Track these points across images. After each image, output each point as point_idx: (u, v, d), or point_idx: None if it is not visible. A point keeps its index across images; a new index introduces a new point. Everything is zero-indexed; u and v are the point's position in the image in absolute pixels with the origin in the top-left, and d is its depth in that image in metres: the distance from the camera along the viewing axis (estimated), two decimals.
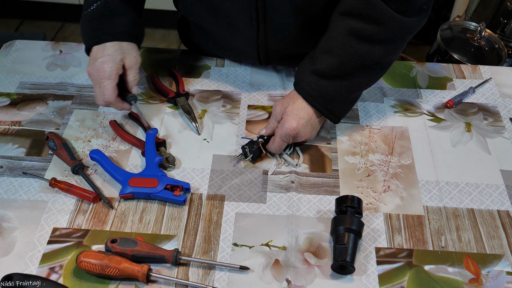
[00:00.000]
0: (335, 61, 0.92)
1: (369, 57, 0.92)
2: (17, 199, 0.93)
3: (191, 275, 0.83)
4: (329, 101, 0.95)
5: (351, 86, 0.95)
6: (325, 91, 0.94)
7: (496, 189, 0.95)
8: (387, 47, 0.93)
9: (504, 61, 1.58)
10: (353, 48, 0.91)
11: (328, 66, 0.93)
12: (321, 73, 0.94)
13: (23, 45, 1.27)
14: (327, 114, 0.97)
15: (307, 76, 0.96)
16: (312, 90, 0.95)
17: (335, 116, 0.99)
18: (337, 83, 0.94)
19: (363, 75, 0.95)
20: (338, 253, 0.81)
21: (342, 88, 0.94)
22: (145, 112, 1.10)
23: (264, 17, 1.01)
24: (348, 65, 0.92)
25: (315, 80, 0.95)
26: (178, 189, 0.92)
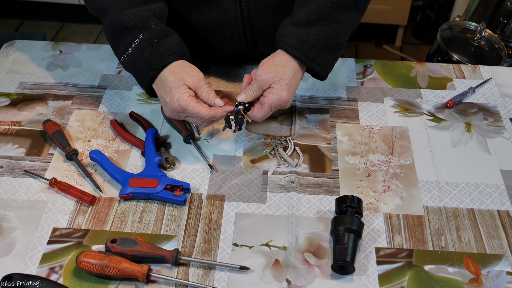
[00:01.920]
0: (311, 6, 0.93)
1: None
2: (17, 199, 0.93)
3: (191, 275, 0.83)
4: (310, 49, 0.93)
5: (331, 30, 0.94)
6: (305, 39, 0.93)
7: (496, 189, 0.95)
8: None
9: (504, 61, 1.58)
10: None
11: (304, 13, 0.94)
12: (299, 22, 0.94)
13: (23, 45, 1.27)
14: (311, 65, 0.95)
15: (286, 29, 0.96)
16: (292, 40, 0.93)
17: (320, 67, 0.96)
18: (316, 29, 0.93)
19: (341, 17, 0.94)
20: (338, 253, 0.81)
21: (323, 34, 0.94)
22: (145, 112, 1.10)
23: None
24: (324, 7, 0.92)
25: (294, 30, 0.94)
26: (178, 189, 0.92)
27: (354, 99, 1.13)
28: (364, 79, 1.18)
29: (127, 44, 0.96)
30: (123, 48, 0.97)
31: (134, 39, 0.95)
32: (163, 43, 0.95)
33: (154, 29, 0.95)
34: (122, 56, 0.97)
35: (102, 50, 1.26)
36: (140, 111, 1.10)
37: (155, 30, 0.95)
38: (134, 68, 0.98)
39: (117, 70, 1.20)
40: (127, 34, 0.95)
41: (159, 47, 0.94)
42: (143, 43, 0.94)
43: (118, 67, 1.21)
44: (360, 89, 1.16)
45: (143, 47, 0.94)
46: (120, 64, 1.21)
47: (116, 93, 1.15)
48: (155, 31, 0.95)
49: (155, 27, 0.95)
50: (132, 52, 0.95)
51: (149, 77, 0.95)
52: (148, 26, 0.94)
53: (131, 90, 1.15)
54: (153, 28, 0.95)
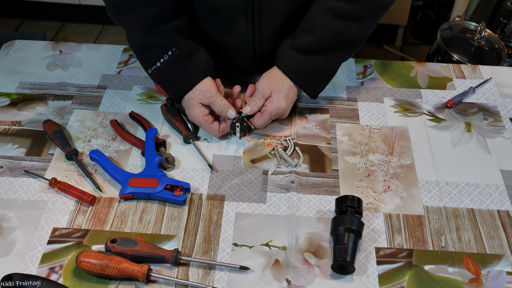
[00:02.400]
0: (314, 37, 0.98)
1: (346, 34, 0.98)
2: (17, 199, 0.93)
3: (191, 275, 0.82)
4: (307, 74, 1.01)
5: (328, 60, 1.01)
6: (303, 65, 1.00)
7: (496, 189, 0.95)
8: (363, 24, 0.99)
9: (504, 61, 1.58)
10: (331, 26, 0.97)
11: (307, 42, 0.99)
12: (300, 49, 1.00)
13: (23, 45, 1.27)
14: (305, 87, 1.03)
15: (287, 51, 1.01)
16: (291, 63, 1.00)
17: (313, 90, 1.04)
18: (315, 58, 1.00)
19: (340, 50, 1.01)
20: (338, 253, 0.81)
21: (320, 62, 1.00)
22: (145, 112, 1.10)
23: (260, 18, 1.02)
24: (326, 42, 0.98)
25: (294, 54, 1.00)
26: (178, 189, 0.92)
27: (354, 99, 1.13)
28: (364, 79, 1.18)
29: (155, 59, 1.00)
30: (150, 61, 1.01)
31: (163, 55, 0.99)
32: (192, 61, 1.00)
33: (183, 48, 0.99)
34: (150, 69, 1.02)
35: (102, 50, 1.26)
36: (140, 111, 1.10)
37: (184, 49, 0.99)
38: (164, 82, 1.03)
39: (117, 70, 1.20)
40: (155, 51, 1.00)
41: (189, 65, 0.99)
42: (174, 62, 0.99)
43: (118, 67, 1.21)
44: (360, 89, 1.16)
45: (174, 65, 1.00)
46: (120, 65, 1.21)
47: (116, 93, 1.15)
48: (184, 50, 0.99)
49: (185, 46, 0.99)
50: (162, 67, 1.00)
51: (179, 93, 1.00)
52: (178, 45, 0.99)
53: (131, 90, 1.15)
54: (183, 48, 0.99)
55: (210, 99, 0.99)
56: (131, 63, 1.22)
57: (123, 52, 1.25)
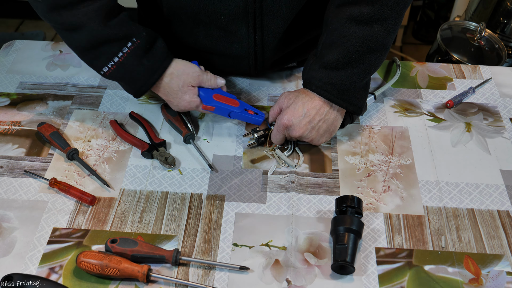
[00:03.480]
0: (341, 50, 0.92)
1: (373, 38, 0.91)
2: (17, 199, 0.93)
3: (191, 275, 0.83)
4: (343, 91, 0.94)
5: (362, 71, 0.94)
6: (337, 82, 0.93)
7: (496, 189, 0.95)
8: (387, 25, 0.92)
9: (504, 61, 1.58)
10: (355, 34, 0.91)
11: (335, 56, 0.92)
12: (329, 66, 0.93)
13: (23, 45, 1.27)
14: (345, 105, 0.96)
15: (316, 72, 0.95)
16: (324, 84, 0.94)
17: (355, 106, 0.97)
18: (347, 72, 0.93)
19: (371, 58, 0.94)
20: (338, 253, 0.81)
21: (354, 75, 0.93)
22: (145, 112, 1.10)
23: (261, 25, 1.01)
24: (354, 51, 0.92)
25: (324, 73, 0.94)
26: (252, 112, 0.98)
27: None
28: None
29: (112, 54, 0.93)
30: (105, 58, 0.94)
31: (121, 48, 0.93)
32: (155, 48, 0.96)
33: (145, 36, 0.95)
34: (106, 66, 0.95)
35: None
36: (140, 111, 1.10)
37: (145, 37, 0.95)
38: (127, 76, 0.97)
39: None
40: (111, 45, 0.93)
41: (154, 53, 0.96)
42: (138, 51, 0.94)
43: None
44: None
45: (139, 55, 0.94)
46: None
47: (116, 93, 1.15)
48: (146, 38, 0.95)
49: (146, 34, 0.95)
50: (123, 61, 0.94)
51: (149, 82, 0.97)
52: (139, 34, 0.94)
53: None
54: (144, 36, 0.95)
55: (199, 78, 0.98)
56: None
57: None
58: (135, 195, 0.94)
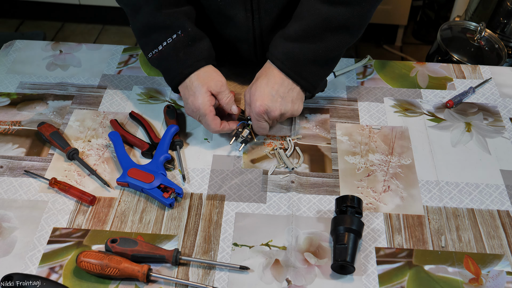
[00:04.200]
0: (302, 23, 0.94)
1: (334, 19, 0.93)
2: (17, 199, 0.93)
3: (191, 275, 0.83)
4: (295, 62, 0.95)
5: (318, 48, 0.95)
6: (291, 53, 0.95)
7: (496, 189, 0.95)
8: (353, 10, 0.93)
9: (504, 61, 1.58)
10: (317, 10, 0.93)
11: (295, 29, 0.95)
12: (288, 37, 0.95)
13: (23, 45, 1.27)
14: (296, 78, 0.96)
15: (276, 41, 0.98)
16: (279, 53, 0.96)
17: (306, 81, 0.97)
18: (303, 46, 0.94)
19: (330, 38, 0.95)
20: (338, 253, 0.81)
21: (309, 50, 0.95)
22: (145, 112, 1.10)
23: (258, 7, 1.01)
24: (313, 27, 0.93)
25: (282, 43, 0.96)
26: (170, 192, 0.92)
27: (354, 99, 1.13)
28: (364, 79, 1.18)
29: (158, 42, 0.98)
30: (152, 44, 0.99)
31: (166, 38, 0.97)
32: (197, 46, 0.98)
33: (190, 32, 0.98)
34: (151, 52, 1.00)
35: (102, 50, 1.26)
36: (140, 111, 1.10)
37: (190, 33, 0.98)
38: (164, 65, 1.00)
39: (117, 70, 1.20)
40: (160, 32, 0.98)
41: (193, 50, 0.98)
42: (178, 44, 0.97)
43: (118, 67, 1.21)
44: (360, 89, 1.16)
45: (178, 48, 0.97)
46: (120, 65, 1.21)
47: (116, 93, 1.15)
48: (190, 33, 0.98)
49: (191, 30, 0.98)
50: (164, 50, 0.98)
51: (179, 77, 0.98)
52: (184, 28, 0.98)
53: (131, 90, 1.15)
54: (189, 31, 0.98)
55: (221, 88, 0.98)
56: (131, 63, 1.22)
57: (123, 52, 1.25)
58: (135, 195, 0.94)
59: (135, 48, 1.27)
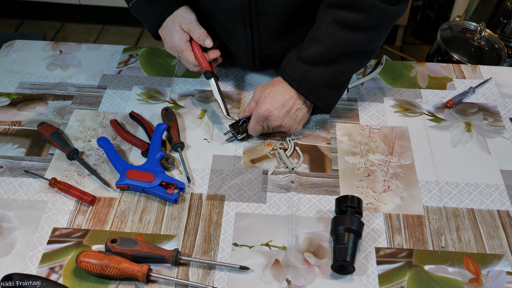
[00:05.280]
0: (321, 48, 0.95)
1: (353, 44, 0.94)
2: (17, 199, 0.93)
3: (191, 275, 0.83)
4: (313, 86, 0.97)
5: (336, 72, 0.97)
6: (309, 76, 0.97)
7: (496, 189, 0.95)
8: (370, 35, 0.95)
9: (504, 61, 1.58)
10: (337, 36, 0.94)
11: (313, 53, 0.96)
12: (306, 60, 0.97)
13: (23, 45, 1.27)
14: (314, 100, 0.99)
15: (293, 63, 0.99)
16: (297, 75, 0.97)
17: (323, 103, 1.00)
18: (321, 69, 0.96)
19: (347, 62, 0.97)
20: (338, 253, 0.81)
21: (327, 74, 0.97)
22: (145, 112, 1.10)
23: (258, 24, 1.02)
24: (332, 52, 0.95)
25: (300, 66, 0.97)
26: (173, 188, 0.92)
27: (354, 99, 1.13)
28: (364, 79, 1.18)
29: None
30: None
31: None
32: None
33: None
34: (131, 2, 1.06)
35: (102, 50, 1.26)
36: (140, 111, 1.10)
37: None
38: (141, 15, 1.07)
39: (117, 70, 1.20)
40: None
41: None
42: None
43: (118, 67, 1.21)
44: (360, 89, 1.16)
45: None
46: (120, 65, 1.22)
47: (116, 93, 1.15)
48: None
49: None
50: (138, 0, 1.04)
51: (155, 23, 1.04)
52: None
53: (131, 90, 1.15)
54: None
55: (190, 26, 1.02)
56: (131, 63, 1.22)
57: (123, 52, 1.25)
58: (135, 195, 0.94)
59: (135, 48, 1.27)
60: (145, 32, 2.93)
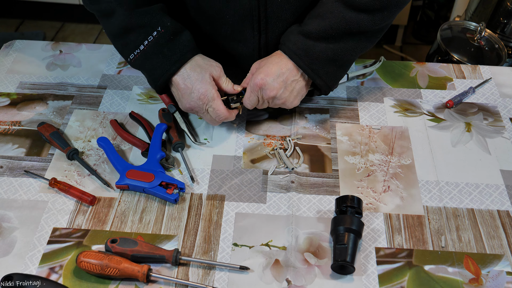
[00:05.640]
0: (324, 23, 0.94)
1: (356, 24, 0.93)
2: (17, 199, 0.93)
3: (191, 275, 0.83)
4: (314, 60, 0.95)
5: (337, 49, 0.96)
6: (310, 50, 0.95)
7: (496, 189, 0.95)
8: (374, 17, 0.94)
9: (504, 61, 1.58)
10: (341, 14, 0.93)
11: (315, 28, 0.95)
12: (308, 34, 0.95)
13: (23, 45, 1.27)
14: (312, 75, 0.96)
15: (294, 36, 0.97)
16: (297, 48, 0.96)
17: (322, 80, 0.97)
18: (323, 45, 0.95)
19: (350, 41, 0.96)
20: (338, 253, 0.81)
21: (328, 50, 0.95)
22: (145, 112, 1.10)
23: (266, 27, 1.02)
24: (335, 28, 0.94)
25: (301, 39, 0.96)
26: (173, 188, 0.92)
27: (354, 99, 1.13)
28: (364, 79, 1.18)
29: (139, 42, 0.96)
30: (132, 46, 0.97)
31: (147, 37, 0.96)
32: (179, 39, 0.97)
33: (169, 26, 0.96)
34: (132, 54, 0.98)
35: (102, 50, 1.26)
36: (140, 111, 1.10)
37: (170, 28, 0.96)
38: (148, 65, 0.98)
39: (117, 70, 1.20)
40: (138, 32, 0.96)
41: (176, 44, 0.97)
42: (161, 41, 0.96)
43: (118, 67, 1.21)
44: (360, 89, 1.16)
45: (161, 45, 0.96)
46: (120, 65, 1.21)
47: (116, 93, 1.15)
48: (171, 28, 0.96)
49: (171, 25, 0.97)
50: (146, 49, 0.96)
51: (168, 73, 0.96)
52: (164, 24, 0.96)
53: (131, 90, 1.15)
54: (169, 26, 0.96)
55: (221, 73, 0.99)
56: None
57: None
58: (135, 195, 0.94)
59: None
60: None
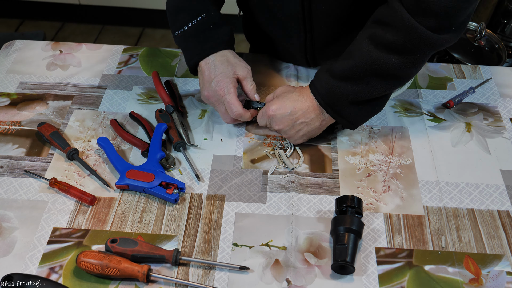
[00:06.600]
0: (350, 63, 0.90)
1: (384, 65, 0.88)
2: (17, 199, 0.93)
3: (191, 275, 0.83)
4: (336, 102, 0.93)
5: (361, 91, 0.91)
6: (334, 91, 0.92)
7: (496, 189, 0.95)
8: (405, 60, 0.88)
9: (504, 61, 1.58)
10: (369, 52, 0.88)
11: (341, 67, 0.91)
12: (333, 73, 0.93)
13: (23, 45, 1.27)
14: (333, 114, 0.94)
15: (321, 73, 0.96)
16: (321, 87, 0.94)
17: (344, 119, 0.95)
18: (347, 85, 0.91)
19: (376, 83, 0.91)
20: (338, 253, 0.81)
21: (352, 92, 0.91)
22: (145, 112, 1.10)
23: (311, 29, 1.05)
24: (361, 68, 0.89)
25: (326, 78, 0.93)
26: (173, 188, 0.92)
27: None
28: None
29: (184, 22, 1.02)
30: (178, 24, 1.03)
31: (191, 20, 1.02)
32: (217, 31, 1.02)
33: (213, 16, 1.02)
34: (177, 31, 1.04)
35: (102, 50, 1.26)
36: (140, 111, 1.10)
37: (213, 17, 1.02)
38: (185, 45, 1.05)
39: (117, 70, 1.20)
40: (187, 13, 1.02)
41: (214, 33, 1.02)
42: (200, 26, 1.02)
43: (118, 67, 1.21)
44: None
45: (199, 30, 1.02)
46: (120, 65, 1.21)
47: (116, 93, 1.15)
48: (213, 18, 1.02)
49: (215, 15, 1.03)
50: (187, 31, 1.02)
51: (197, 57, 1.02)
52: (208, 12, 1.02)
53: (131, 90, 1.15)
54: (213, 15, 1.02)
55: (248, 74, 1.01)
56: (131, 63, 1.22)
57: (123, 52, 1.25)
58: (135, 195, 0.94)
59: (135, 48, 1.27)
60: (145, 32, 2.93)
